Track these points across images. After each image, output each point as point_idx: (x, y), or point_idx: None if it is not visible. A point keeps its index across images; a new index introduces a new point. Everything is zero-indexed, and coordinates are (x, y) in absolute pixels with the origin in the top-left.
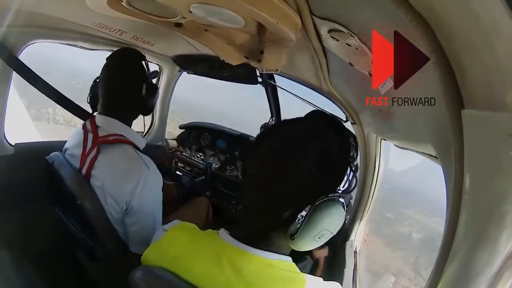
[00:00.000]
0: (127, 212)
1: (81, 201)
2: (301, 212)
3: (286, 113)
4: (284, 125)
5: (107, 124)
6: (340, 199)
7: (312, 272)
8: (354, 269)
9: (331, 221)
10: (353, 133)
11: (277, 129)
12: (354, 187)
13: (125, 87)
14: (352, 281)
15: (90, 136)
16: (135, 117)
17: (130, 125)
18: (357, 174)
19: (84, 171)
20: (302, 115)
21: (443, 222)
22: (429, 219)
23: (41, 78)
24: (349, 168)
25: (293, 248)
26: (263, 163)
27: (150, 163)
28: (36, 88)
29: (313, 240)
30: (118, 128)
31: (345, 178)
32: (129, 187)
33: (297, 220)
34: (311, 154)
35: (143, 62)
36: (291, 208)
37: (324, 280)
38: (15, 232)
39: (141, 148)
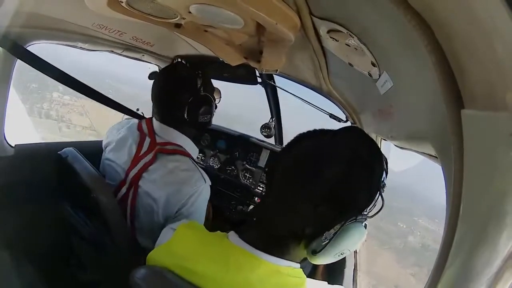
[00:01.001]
0: (175, 217)
1: (96, 195)
2: (328, 230)
3: (287, 114)
4: (316, 136)
5: (164, 132)
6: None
7: (313, 272)
8: (354, 269)
9: (354, 242)
10: (385, 157)
11: (307, 140)
12: (380, 210)
13: (175, 101)
14: (352, 281)
15: (148, 139)
16: (195, 131)
17: (190, 137)
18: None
19: (135, 171)
20: (303, 115)
21: None
22: (441, 228)
23: (54, 66)
24: (378, 193)
25: (311, 261)
26: (288, 174)
27: (207, 177)
28: (50, 76)
29: (332, 257)
30: (176, 138)
31: (373, 201)
32: (185, 195)
33: (323, 237)
34: (338, 163)
35: (197, 78)
36: (313, 224)
37: (324, 280)
38: (15, 232)
39: (194, 158)
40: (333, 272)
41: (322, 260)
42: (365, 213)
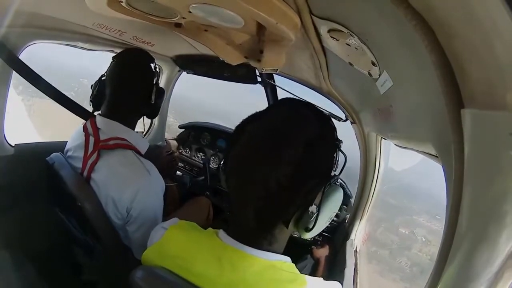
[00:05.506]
0: (128, 220)
1: (81, 203)
2: (311, 205)
3: None
4: (262, 116)
5: (108, 127)
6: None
7: (313, 271)
8: (354, 269)
9: (337, 204)
10: (328, 116)
11: (256, 121)
12: (344, 166)
13: (133, 88)
14: (353, 281)
15: (92, 139)
16: (138, 119)
17: (133, 128)
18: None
19: (85, 174)
20: None
21: None
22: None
23: (42, 78)
24: (337, 150)
25: (304, 238)
26: (246, 158)
27: (152, 168)
28: (37, 88)
29: (324, 225)
30: (119, 131)
31: (335, 160)
32: (130, 194)
33: (309, 212)
34: (296, 143)
35: (152, 64)
36: (289, 203)
37: (324, 279)
38: (15, 232)
39: (143, 152)
40: (333, 272)
41: (316, 231)
42: (334, 173)
